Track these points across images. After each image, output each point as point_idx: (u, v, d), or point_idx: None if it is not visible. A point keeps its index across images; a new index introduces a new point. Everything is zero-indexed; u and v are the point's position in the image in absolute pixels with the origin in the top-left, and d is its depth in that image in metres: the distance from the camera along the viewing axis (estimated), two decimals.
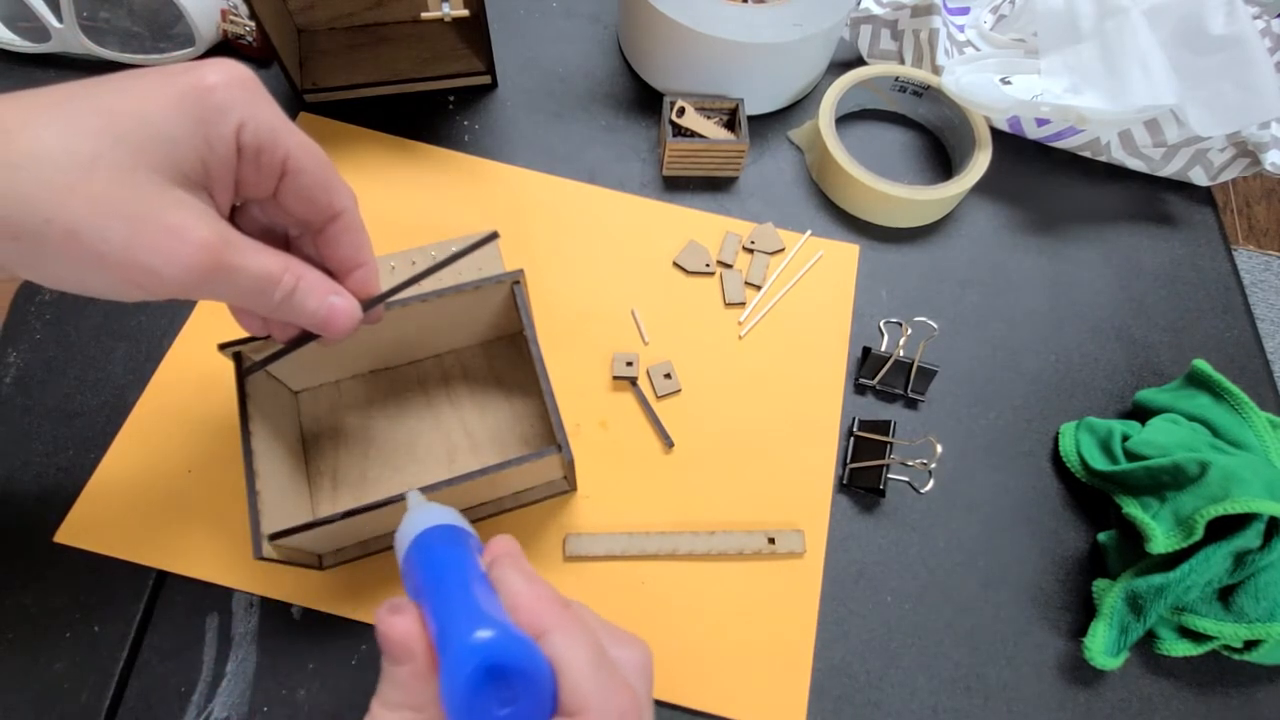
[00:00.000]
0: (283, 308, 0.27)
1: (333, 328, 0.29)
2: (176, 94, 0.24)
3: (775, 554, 0.42)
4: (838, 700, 0.39)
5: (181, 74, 0.24)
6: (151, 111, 0.23)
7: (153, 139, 0.23)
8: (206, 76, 0.24)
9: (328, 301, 0.28)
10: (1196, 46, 0.50)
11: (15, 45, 0.53)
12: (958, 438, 0.46)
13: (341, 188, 0.28)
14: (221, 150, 0.25)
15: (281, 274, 0.26)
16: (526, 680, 0.22)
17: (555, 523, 0.42)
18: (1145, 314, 0.52)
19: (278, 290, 0.26)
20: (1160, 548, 0.38)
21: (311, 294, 0.28)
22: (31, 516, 0.40)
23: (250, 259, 0.25)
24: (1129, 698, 0.40)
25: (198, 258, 0.24)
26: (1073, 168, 0.58)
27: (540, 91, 0.57)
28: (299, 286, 0.27)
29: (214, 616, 0.39)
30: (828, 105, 0.54)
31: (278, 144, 0.26)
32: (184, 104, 0.24)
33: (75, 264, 0.23)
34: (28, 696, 0.36)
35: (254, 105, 0.25)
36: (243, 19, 0.54)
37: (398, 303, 0.38)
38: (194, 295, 0.25)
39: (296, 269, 0.27)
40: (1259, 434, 0.42)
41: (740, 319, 0.49)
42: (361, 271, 0.30)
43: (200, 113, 0.24)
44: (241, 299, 0.26)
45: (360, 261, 0.30)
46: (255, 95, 0.25)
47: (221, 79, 0.24)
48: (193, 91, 0.24)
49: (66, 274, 0.23)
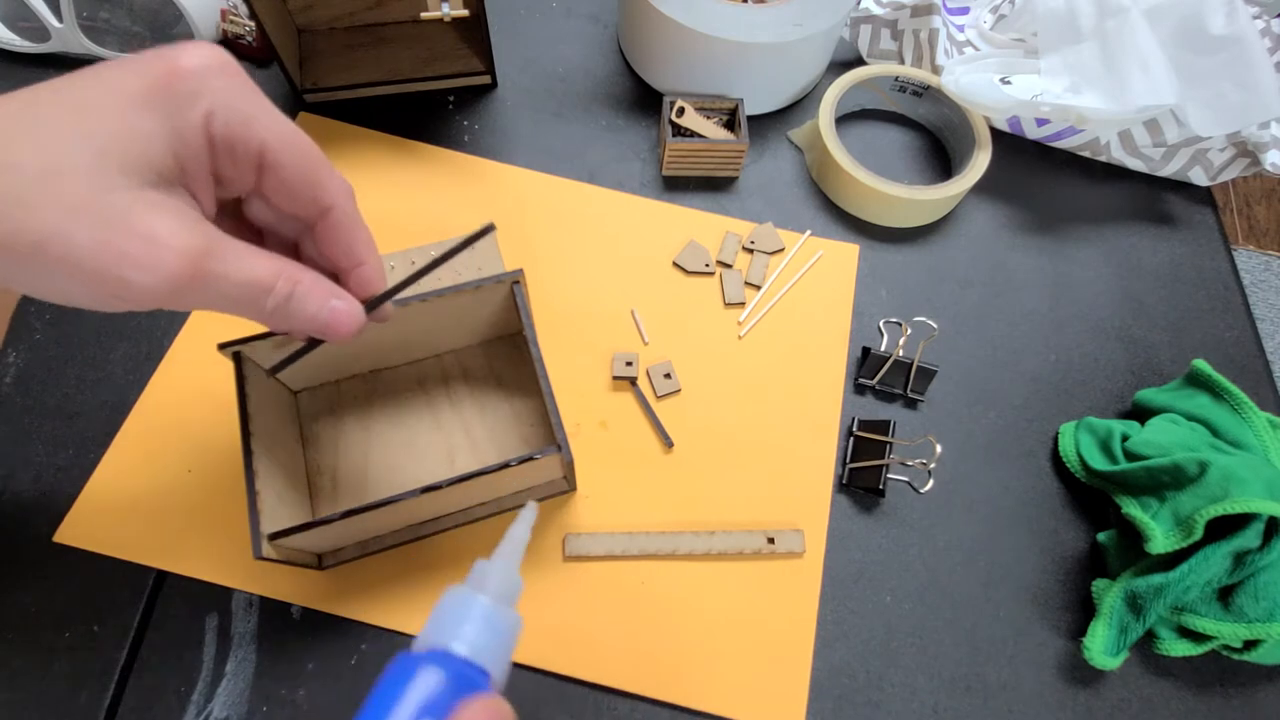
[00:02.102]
0: (278, 315, 0.25)
1: (335, 332, 0.27)
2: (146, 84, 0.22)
3: (775, 554, 0.42)
4: (838, 700, 0.39)
5: (155, 59, 0.22)
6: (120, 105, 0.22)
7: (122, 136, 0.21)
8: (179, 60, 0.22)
9: (328, 305, 0.26)
10: (1196, 46, 0.50)
11: (15, 45, 0.53)
12: (958, 438, 0.46)
13: (331, 182, 0.27)
14: (192, 142, 0.23)
15: (273, 280, 0.24)
16: None
17: (555, 523, 0.42)
18: (1145, 314, 0.52)
19: (270, 298, 0.24)
20: (1160, 548, 0.38)
21: (310, 299, 0.26)
22: (31, 516, 0.40)
23: (236, 265, 0.23)
24: (1129, 698, 0.40)
25: (175, 266, 0.22)
26: (1073, 168, 0.58)
27: (540, 91, 0.57)
28: (295, 292, 0.25)
29: (214, 616, 0.39)
30: (828, 105, 0.54)
31: (251, 134, 0.24)
32: (152, 94, 0.22)
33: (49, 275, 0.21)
34: (28, 696, 0.36)
35: (227, 92, 0.23)
36: (243, 19, 0.54)
37: (398, 303, 0.38)
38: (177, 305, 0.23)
39: (292, 273, 0.25)
40: (1259, 434, 0.42)
41: (740, 319, 0.49)
42: (362, 270, 0.28)
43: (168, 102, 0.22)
44: (231, 308, 0.24)
45: (359, 260, 0.28)
46: (230, 81, 0.23)
47: (195, 63, 0.22)
48: (162, 79, 0.22)
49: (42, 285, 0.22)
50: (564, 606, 0.40)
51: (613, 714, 0.38)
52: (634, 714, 0.38)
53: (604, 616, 0.40)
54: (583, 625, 0.40)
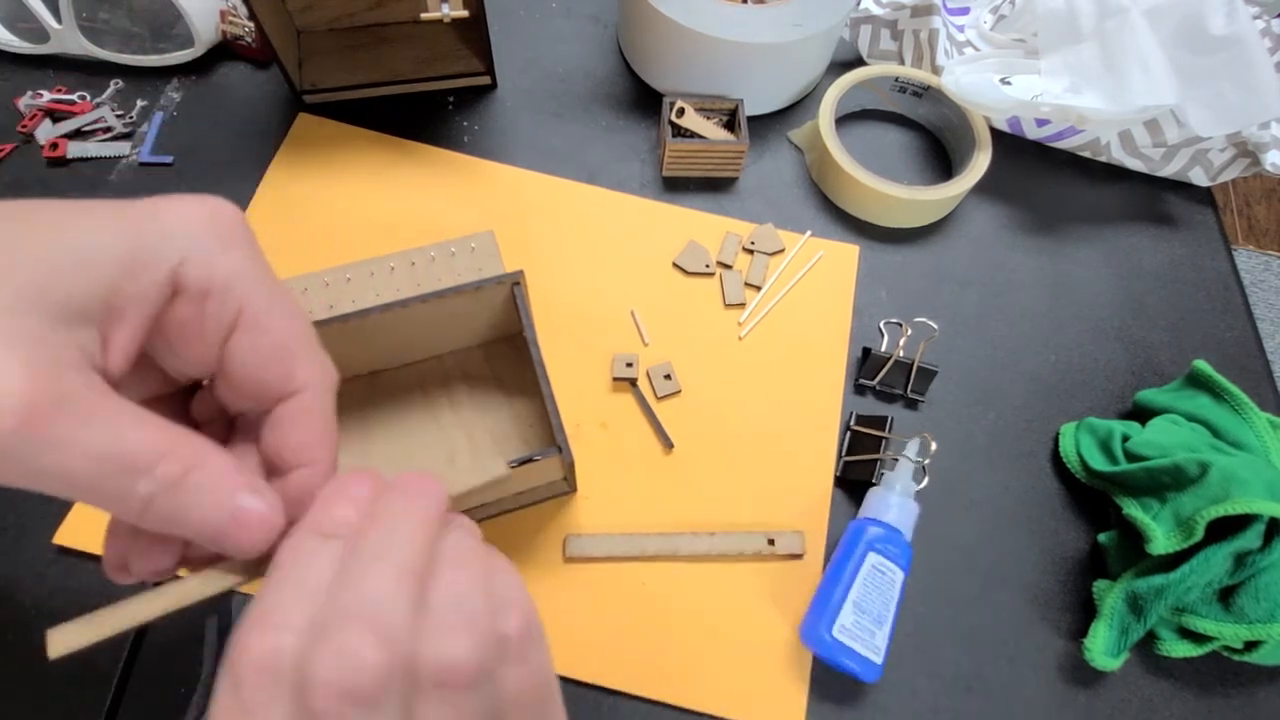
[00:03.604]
0: (153, 511, 0.18)
1: (236, 544, 0.19)
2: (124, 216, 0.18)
3: (775, 555, 0.42)
4: (838, 700, 0.39)
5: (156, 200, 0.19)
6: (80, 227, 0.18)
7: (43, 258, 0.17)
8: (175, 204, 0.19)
9: (235, 504, 0.19)
10: (1196, 46, 0.50)
11: (15, 46, 0.53)
12: (958, 438, 0.46)
13: (313, 361, 0.21)
14: (144, 279, 0.18)
15: (154, 458, 0.17)
16: None
17: (555, 523, 0.42)
18: (1145, 314, 0.52)
19: (145, 482, 0.17)
20: (1161, 548, 0.38)
21: (210, 490, 0.18)
22: (31, 516, 0.40)
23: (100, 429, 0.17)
24: (1129, 698, 0.40)
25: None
26: (1073, 168, 0.57)
27: (540, 92, 0.57)
28: (188, 481, 0.18)
29: (214, 616, 0.39)
30: (828, 105, 0.54)
31: (232, 291, 0.19)
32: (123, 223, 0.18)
33: None
34: (28, 696, 0.36)
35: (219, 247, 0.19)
36: (242, 19, 0.54)
37: (398, 303, 0.38)
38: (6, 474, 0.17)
39: (187, 452, 0.18)
40: (1259, 434, 0.42)
41: (740, 320, 0.49)
42: (305, 474, 0.21)
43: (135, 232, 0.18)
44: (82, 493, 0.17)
45: (311, 460, 0.21)
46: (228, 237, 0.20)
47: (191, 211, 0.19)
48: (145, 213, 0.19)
49: None
50: (564, 607, 0.40)
51: (613, 714, 0.38)
52: (634, 714, 0.38)
53: (604, 617, 0.40)
54: (583, 626, 0.40)
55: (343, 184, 0.51)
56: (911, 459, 0.42)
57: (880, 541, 0.39)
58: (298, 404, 0.21)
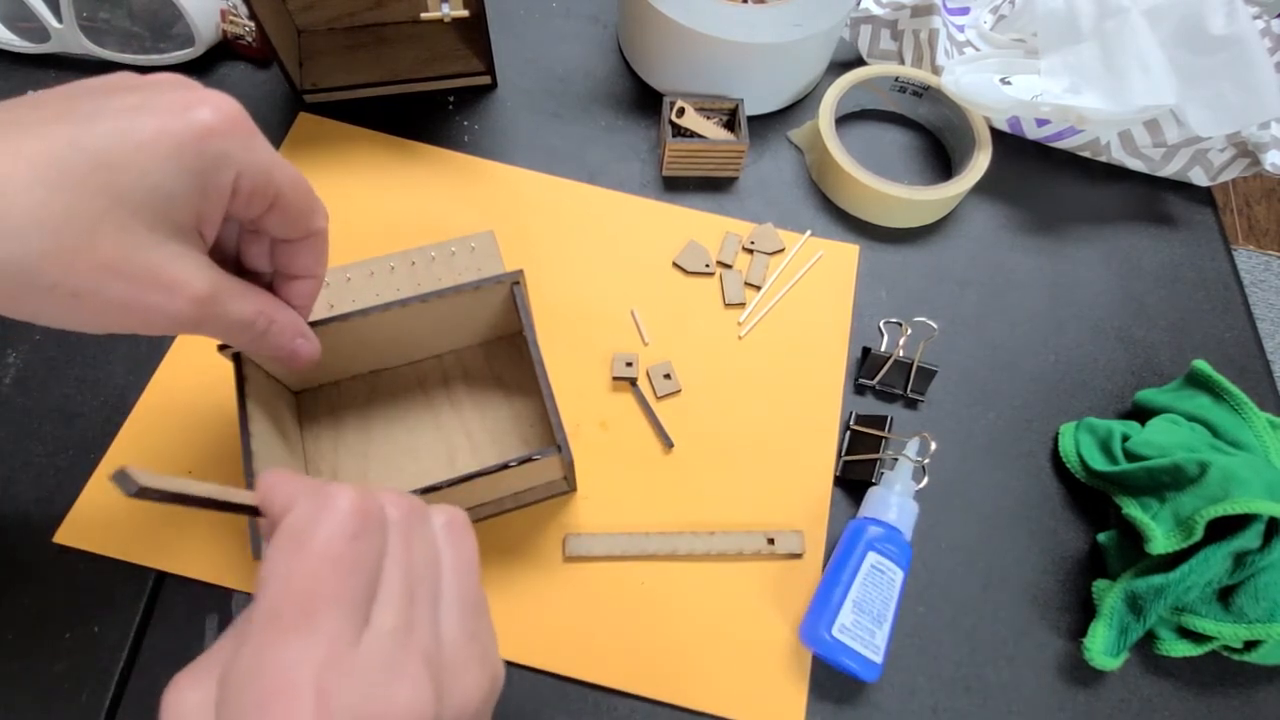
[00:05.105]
0: (254, 344, 0.31)
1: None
2: (173, 145, 0.24)
3: (775, 554, 0.42)
4: (838, 700, 0.39)
5: (175, 116, 0.24)
6: (149, 167, 0.24)
7: (150, 195, 0.24)
8: (201, 119, 0.24)
9: (295, 342, 0.32)
10: (1196, 46, 0.50)
11: (15, 45, 0.53)
12: (957, 438, 0.46)
13: (320, 209, 0.31)
14: (216, 198, 0.26)
15: (256, 318, 0.29)
16: None
17: (555, 523, 0.42)
18: (1145, 314, 0.52)
19: (250, 331, 0.30)
20: (1160, 548, 0.38)
21: (282, 335, 0.31)
22: (31, 516, 0.40)
23: (233, 307, 0.28)
24: (1129, 698, 0.40)
25: (189, 310, 0.26)
26: (1073, 168, 0.57)
27: (540, 91, 0.57)
28: (270, 329, 0.30)
29: (214, 617, 0.39)
30: (828, 105, 0.54)
31: (270, 184, 0.27)
32: (182, 157, 0.24)
33: (73, 317, 0.25)
34: (28, 696, 0.36)
35: (250, 151, 0.26)
36: (242, 19, 0.54)
37: (398, 303, 0.38)
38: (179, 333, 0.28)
39: (269, 312, 0.30)
40: (1259, 434, 0.42)
41: (740, 319, 0.49)
42: (308, 284, 0.33)
43: (198, 165, 0.25)
44: (221, 336, 0.30)
45: (312, 274, 0.32)
46: (249, 138, 0.26)
47: (217, 121, 0.25)
48: (190, 143, 0.24)
49: (68, 324, 0.25)
50: (564, 607, 0.40)
51: (613, 714, 0.38)
52: (634, 714, 0.38)
53: (604, 617, 0.40)
54: (583, 626, 0.40)
55: (343, 183, 0.51)
56: (911, 459, 0.42)
57: (880, 541, 0.39)
58: (311, 241, 0.31)
